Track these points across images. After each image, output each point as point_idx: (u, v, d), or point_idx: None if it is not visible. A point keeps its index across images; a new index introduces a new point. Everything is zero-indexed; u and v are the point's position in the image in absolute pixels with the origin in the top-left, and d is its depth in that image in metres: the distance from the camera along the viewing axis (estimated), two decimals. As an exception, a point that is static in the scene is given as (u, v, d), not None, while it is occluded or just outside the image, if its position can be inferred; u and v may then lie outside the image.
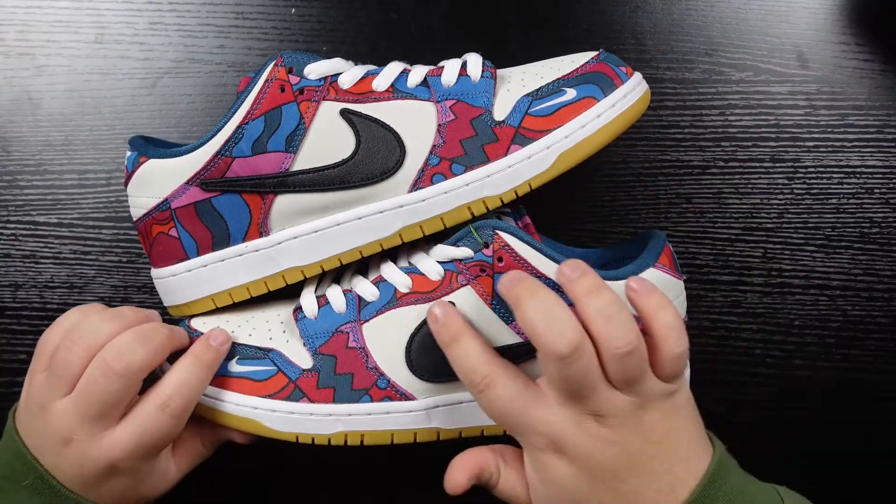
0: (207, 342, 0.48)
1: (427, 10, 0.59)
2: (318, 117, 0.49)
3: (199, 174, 0.49)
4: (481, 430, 0.51)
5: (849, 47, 0.60)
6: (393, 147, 0.49)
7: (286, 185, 0.49)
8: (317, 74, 0.49)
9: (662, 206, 0.60)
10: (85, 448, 0.45)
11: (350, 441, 0.49)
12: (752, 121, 0.60)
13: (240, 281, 0.51)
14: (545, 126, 0.49)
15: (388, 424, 0.50)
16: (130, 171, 0.50)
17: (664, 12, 0.60)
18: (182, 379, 0.47)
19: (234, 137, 0.49)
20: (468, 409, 0.50)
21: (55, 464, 0.46)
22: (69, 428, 0.45)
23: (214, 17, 0.58)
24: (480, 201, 0.49)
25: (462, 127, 0.49)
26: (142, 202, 0.51)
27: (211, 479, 0.59)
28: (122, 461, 0.46)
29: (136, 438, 0.46)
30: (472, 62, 0.50)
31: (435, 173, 0.49)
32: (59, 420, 0.45)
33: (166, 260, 0.51)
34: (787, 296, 0.61)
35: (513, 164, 0.49)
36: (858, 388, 0.61)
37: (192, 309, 0.52)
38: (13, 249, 0.59)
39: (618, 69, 0.50)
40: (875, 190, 0.60)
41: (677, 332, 0.44)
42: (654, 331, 0.44)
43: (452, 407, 0.50)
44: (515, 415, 0.44)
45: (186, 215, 0.50)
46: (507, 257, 0.48)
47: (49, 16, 0.58)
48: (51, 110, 0.58)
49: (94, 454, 0.45)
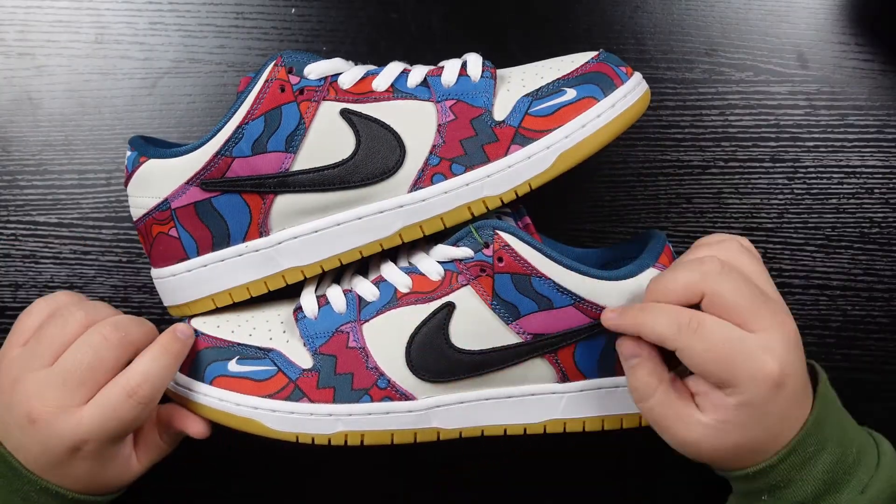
0: (174, 333, 0.49)
1: (427, 10, 0.59)
2: (318, 117, 0.49)
3: (199, 174, 0.49)
4: (481, 431, 0.51)
5: (849, 47, 0.60)
6: (393, 147, 0.49)
7: (286, 185, 0.49)
8: (317, 74, 0.49)
9: (662, 206, 0.60)
10: (52, 424, 0.45)
11: (350, 441, 0.49)
12: (752, 121, 0.60)
13: (240, 281, 0.51)
14: (545, 126, 0.49)
15: (388, 424, 0.50)
16: (130, 171, 0.50)
17: (664, 12, 0.60)
18: (150, 368, 0.47)
19: (234, 137, 0.49)
20: (468, 409, 0.50)
21: (19, 444, 0.46)
22: (42, 398, 0.45)
23: (214, 17, 0.59)
24: (480, 201, 0.49)
25: (462, 127, 0.49)
26: (142, 202, 0.51)
27: (210, 479, 0.59)
28: (87, 442, 0.46)
29: (101, 421, 0.46)
30: (471, 62, 0.50)
31: (435, 173, 0.49)
32: (33, 390, 0.46)
33: (166, 260, 0.51)
34: (786, 296, 0.60)
35: (513, 164, 0.49)
36: (858, 388, 0.61)
37: (192, 309, 0.52)
38: (13, 249, 0.59)
39: (618, 69, 0.50)
40: (875, 190, 0.60)
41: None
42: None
43: (453, 407, 0.50)
44: (735, 346, 0.44)
45: (186, 215, 0.50)
46: (508, 257, 0.48)
47: (49, 16, 0.58)
48: (51, 110, 0.58)
49: (60, 431, 0.45)
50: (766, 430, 0.45)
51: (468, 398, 0.50)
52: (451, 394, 0.50)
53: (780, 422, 0.46)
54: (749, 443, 0.46)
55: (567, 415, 0.51)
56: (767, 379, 0.44)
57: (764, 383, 0.44)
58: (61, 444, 0.45)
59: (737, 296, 0.45)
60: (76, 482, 0.47)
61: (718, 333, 0.45)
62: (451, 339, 0.49)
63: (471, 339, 0.49)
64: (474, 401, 0.50)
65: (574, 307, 0.48)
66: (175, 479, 0.56)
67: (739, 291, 0.45)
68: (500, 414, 0.51)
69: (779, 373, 0.44)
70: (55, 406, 0.45)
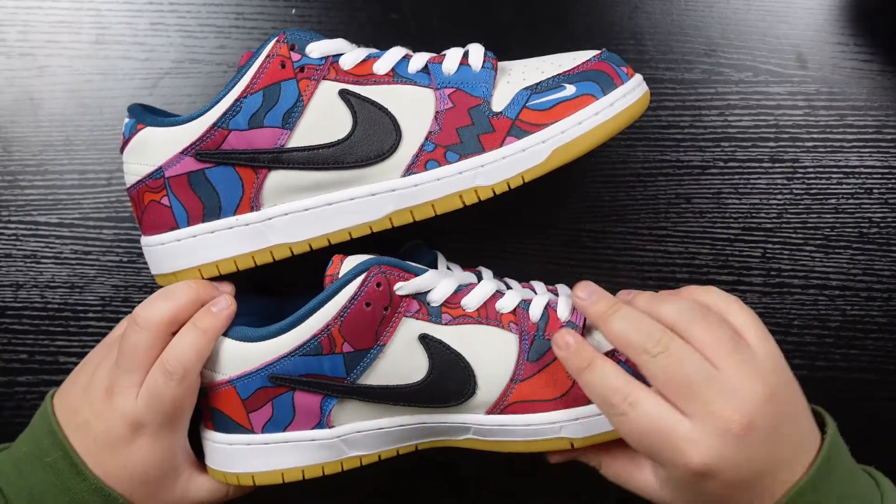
0: (208, 308, 0.49)
1: (427, 10, 0.59)
2: (317, 96, 0.49)
3: (194, 144, 0.49)
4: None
5: (847, 48, 0.60)
6: (389, 130, 0.49)
7: (280, 162, 0.49)
8: (318, 53, 0.49)
9: (662, 206, 0.60)
10: (118, 402, 0.47)
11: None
12: (752, 121, 0.60)
13: (228, 253, 0.51)
14: (542, 120, 0.49)
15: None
16: (127, 137, 0.50)
17: (663, 13, 0.60)
18: (179, 346, 0.48)
19: (231, 110, 0.49)
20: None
21: (85, 421, 0.48)
22: (110, 380, 0.48)
23: (215, 18, 0.59)
24: (472, 190, 0.49)
25: (459, 115, 0.49)
26: (136, 169, 0.51)
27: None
28: (144, 424, 0.47)
29: (148, 400, 0.47)
30: (474, 52, 0.50)
31: (429, 159, 0.49)
32: (105, 375, 0.48)
33: (156, 228, 0.51)
34: (786, 296, 0.61)
35: (507, 156, 0.49)
36: (857, 388, 0.61)
37: (178, 278, 0.52)
38: (14, 249, 0.59)
39: (619, 69, 0.50)
40: (874, 190, 0.60)
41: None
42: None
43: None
44: (661, 434, 0.43)
45: (179, 185, 0.50)
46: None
47: (50, 16, 0.58)
48: (52, 111, 0.58)
49: (123, 407, 0.47)
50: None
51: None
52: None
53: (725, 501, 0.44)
54: None
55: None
56: (688, 468, 0.43)
57: (686, 472, 0.43)
58: (123, 421, 0.47)
59: (669, 381, 0.43)
60: (127, 474, 0.48)
61: (640, 419, 0.44)
62: None
63: None
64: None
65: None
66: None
67: (673, 376, 0.43)
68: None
69: (701, 464, 0.42)
70: (120, 386, 0.48)
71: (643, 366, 0.44)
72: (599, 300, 0.47)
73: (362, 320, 0.47)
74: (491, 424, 0.50)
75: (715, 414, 0.42)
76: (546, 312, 0.50)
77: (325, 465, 0.51)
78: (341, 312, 0.47)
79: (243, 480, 0.51)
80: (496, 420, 0.50)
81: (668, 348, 0.44)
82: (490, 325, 0.49)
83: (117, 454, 0.47)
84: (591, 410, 0.49)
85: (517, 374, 0.49)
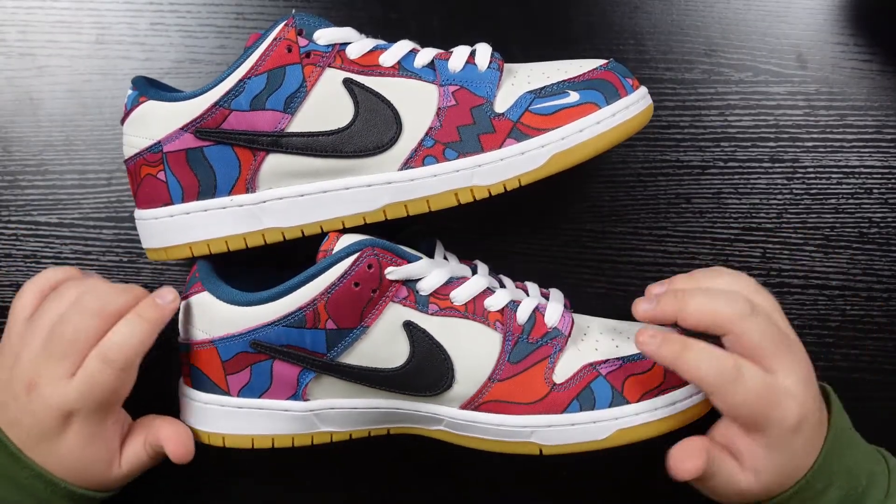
0: (153, 300, 0.49)
1: (427, 10, 0.59)
2: (321, 83, 0.49)
3: (195, 121, 0.49)
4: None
5: (847, 48, 0.60)
6: (390, 123, 0.49)
7: (279, 146, 0.49)
8: (326, 40, 0.49)
9: (662, 206, 0.60)
10: (44, 393, 0.47)
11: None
12: (752, 121, 0.60)
13: (220, 233, 0.51)
14: (543, 125, 0.49)
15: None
16: (129, 109, 0.51)
17: (663, 13, 0.60)
18: (122, 334, 0.48)
19: (234, 90, 0.49)
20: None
21: (14, 418, 0.47)
22: (37, 370, 0.47)
23: (215, 18, 0.59)
24: (468, 189, 0.49)
25: (461, 113, 0.49)
26: (135, 142, 0.51)
27: (209, 479, 0.59)
28: (76, 412, 0.47)
29: (84, 389, 0.47)
30: (481, 51, 0.51)
31: (427, 155, 0.49)
32: (29, 363, 0.48)
33: (150, 202, 0.51)
34: (785, 296, 0.61)
35: (505, 158, 0.49)
36: (857, 388, 0.61)
37: (168, 254, 0.52)
38: (14, 249, 0.59)
39: (624, 80, 0.50)
40: (874, 190, 0.60)
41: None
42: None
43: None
44: (770, 393, 0.46)
45: (176, 160, 0.50)
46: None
47: (50, 16, 0.58)
48: (52, 110, 0.58)
49: (51, 398, 0.47)
50: (790, 468, 0.47)
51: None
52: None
53: (801, 458, 0.47)
54: (776, 480, 0.47)
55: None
56: (790, 422, 0.46)
57: (788, 427, 0.46)
58: (52, 413, 0.47)
59: (764, 339, 0.46)
60: (63, 463, 0.48)
61: (753, 381, 0.46)
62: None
63: None
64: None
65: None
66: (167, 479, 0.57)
67: (765, 334, 0.47)
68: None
69: (799, 416, 0.46)
70: (47, 377, 0.47)
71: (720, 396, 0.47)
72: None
73: (349, 299, 0.48)
74: (463, 420, 0.50)
75: (797, 363, 0.48)
76: (534, 316, 0.51)
77: (295, 436, 0.51)
78: (329, 289, 0.48)
79: (213, 440, 0.51)
80: (469, 416, 0.50)
81: (741, 370, 0.46)
82: (476, 321, 0.50)
83: (52, 445, 0.47)
84: (565, 419, 0.49)
85: (496, 374, 0.49)
